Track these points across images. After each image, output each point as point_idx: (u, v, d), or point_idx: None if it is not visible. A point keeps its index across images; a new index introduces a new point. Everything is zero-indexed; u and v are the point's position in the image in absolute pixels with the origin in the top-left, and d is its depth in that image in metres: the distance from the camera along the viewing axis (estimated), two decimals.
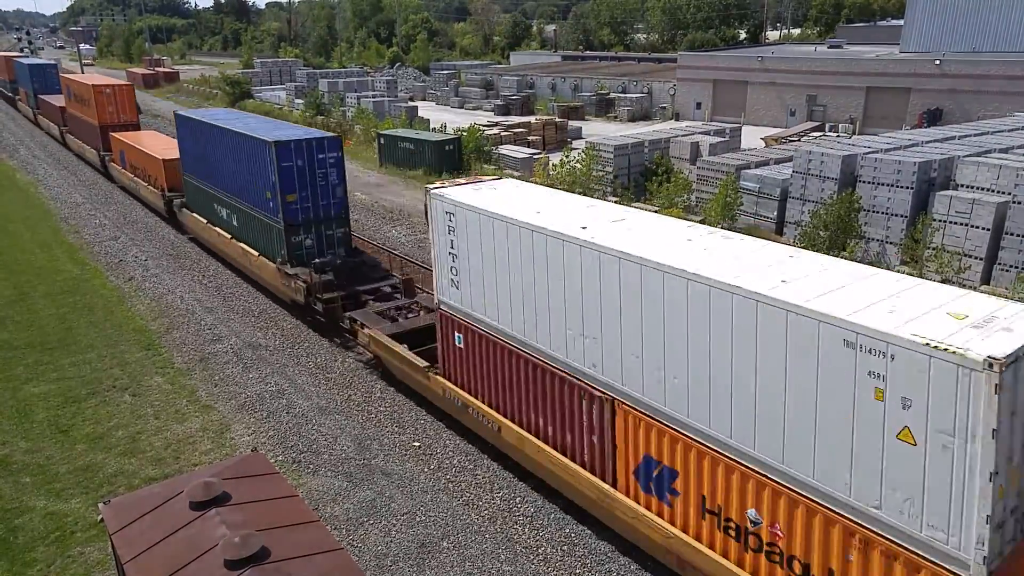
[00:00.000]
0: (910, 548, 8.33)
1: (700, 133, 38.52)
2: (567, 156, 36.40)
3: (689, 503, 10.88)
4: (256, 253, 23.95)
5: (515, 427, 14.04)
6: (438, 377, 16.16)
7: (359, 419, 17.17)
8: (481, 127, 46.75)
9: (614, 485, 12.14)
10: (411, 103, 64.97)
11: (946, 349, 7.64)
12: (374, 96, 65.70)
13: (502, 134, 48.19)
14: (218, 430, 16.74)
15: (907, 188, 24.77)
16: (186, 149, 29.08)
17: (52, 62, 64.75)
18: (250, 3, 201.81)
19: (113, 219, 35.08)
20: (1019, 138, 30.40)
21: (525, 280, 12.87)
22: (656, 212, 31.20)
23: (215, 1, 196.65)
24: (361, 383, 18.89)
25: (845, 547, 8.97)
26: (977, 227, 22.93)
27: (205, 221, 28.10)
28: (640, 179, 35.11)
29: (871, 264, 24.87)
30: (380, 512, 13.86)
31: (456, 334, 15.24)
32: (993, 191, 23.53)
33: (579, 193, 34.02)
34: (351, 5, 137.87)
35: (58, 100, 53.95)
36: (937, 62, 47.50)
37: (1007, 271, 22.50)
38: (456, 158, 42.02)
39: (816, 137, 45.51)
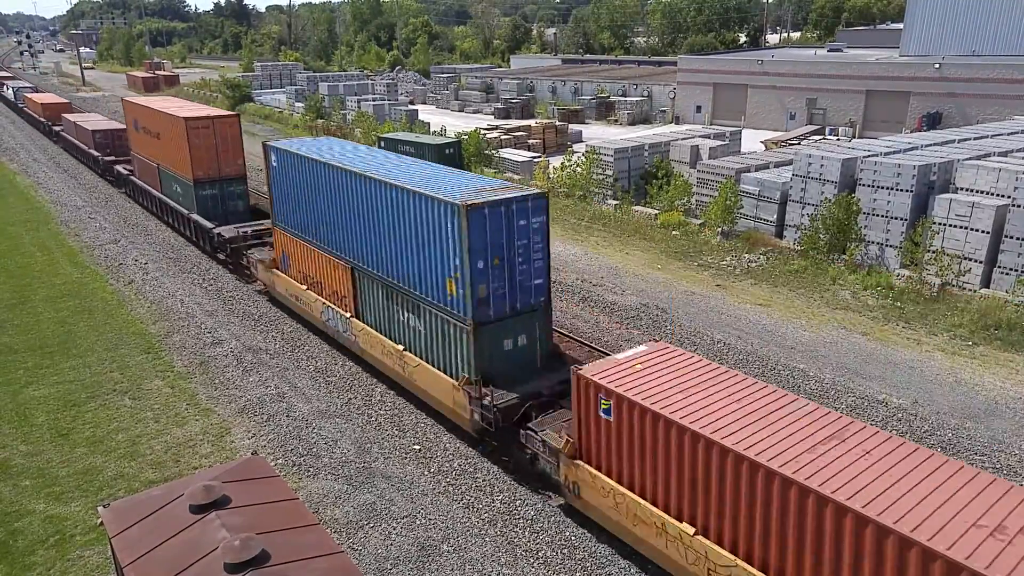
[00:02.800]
0: None
1: (700, 136, 38.52)
2: (568, 160, 36.44)
3: None
4: None
5: None
6: None
7: (359, 422, 17.17)
8: (482, 130, 46.77)
9: None
10: (411, 106, 64.92)
11: None
12: (374, 100, 65.70)
13: (502, 137, 48.19)
14: (218, 433, 16.74)
15: (907, 191, 24.79)
16: None
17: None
18: (250, 6, 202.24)
19: (113, 222, 35.10)
20: (1019, 141, 30.40)
21: None
22: (656, 214, 31.21)
23: (215, 4, 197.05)
24: (361, 386, 18.90)
25: None
26: (977, 230, 22.95)
27: None
28: (640, 182, 35.13)
29: (870, 267, 24.96)
30: (380, 515, 13.86)
31: None
32: (993, 194, 23.56)
33: (579, 196, 34.13)
34: (351, 9, 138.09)
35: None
36: (937, 66, 47.54)
37: (1007, 274, 22.50)
38: (456, 161, 41.99)
39: (816, 140, 45.54)
